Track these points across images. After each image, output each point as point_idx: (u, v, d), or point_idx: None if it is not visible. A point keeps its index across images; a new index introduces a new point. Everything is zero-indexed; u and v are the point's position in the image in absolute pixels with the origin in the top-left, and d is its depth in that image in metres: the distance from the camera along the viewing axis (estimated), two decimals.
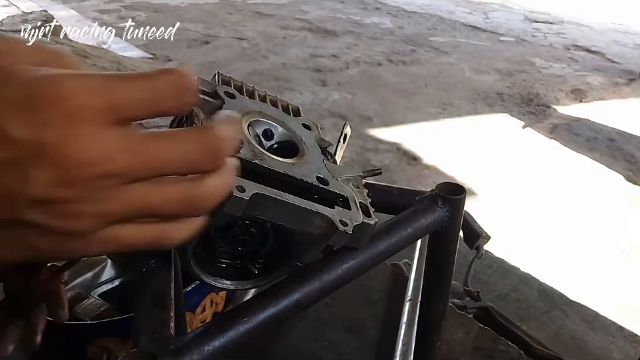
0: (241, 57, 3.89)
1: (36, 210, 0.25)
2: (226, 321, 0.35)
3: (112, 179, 0.25)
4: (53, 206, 0.25)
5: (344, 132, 0.52)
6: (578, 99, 3.34)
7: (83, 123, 0.25)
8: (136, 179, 0.26)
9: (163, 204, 0.27)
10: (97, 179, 0.25)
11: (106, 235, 0.27)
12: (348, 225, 0.37)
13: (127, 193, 0.26)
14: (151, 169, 0.26)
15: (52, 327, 0.73)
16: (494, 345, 0.95)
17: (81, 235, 0.27)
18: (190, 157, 0.27)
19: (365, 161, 2.41)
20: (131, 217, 0.27)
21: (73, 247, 0.27)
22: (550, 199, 2.21)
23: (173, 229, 0.29)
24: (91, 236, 0.27)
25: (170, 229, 0.29)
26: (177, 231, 0.29)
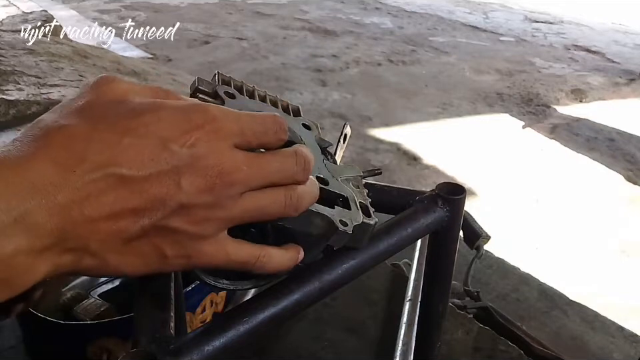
0: (241, 56, 3.89)
1: (178, 215, 0.30)
2: (226, 321, 0.35)
3: (237, 187, 0.31)
4: (192, 211, 0.30)
5: (344, 132, 0.52)
6: (578, 99, 3.34)
7: (222, 141, 0.31)
8: (251, 188, 0.32)
9: (271, 204, 0.33)
10: (228, 186, 0.31)
11: (221, 240, 0.32)
12: (348, 225, 0.37)
13: (246, 200, 0.32)
14: (264, 177, 0.32)
15: (52, 327, 0.73)
16: (494, 345, 0.95)
17: (202, 238, 0.31)
18: (290, 168, 0.33)
19: (365, 161, 2.41)
20: (245, 220, 0.33)
21: (192, 251, 0.32)
22: (550, 199, 2.21)
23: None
24: (209, 240, 0.32)
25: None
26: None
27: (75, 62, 2.28)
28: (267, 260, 0.34)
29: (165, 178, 0.29)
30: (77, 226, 0.28)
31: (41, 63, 2.12)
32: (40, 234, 0.27)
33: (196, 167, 0.30)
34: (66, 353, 0.75)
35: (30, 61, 2.12)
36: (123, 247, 0.30)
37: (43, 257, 0.28)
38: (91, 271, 0.30)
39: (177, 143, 0.30)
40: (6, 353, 0.84)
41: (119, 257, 0.30)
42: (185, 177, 0.30)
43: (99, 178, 0.28)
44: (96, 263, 0.30)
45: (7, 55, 2.13)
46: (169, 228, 0.30)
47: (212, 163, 0.30)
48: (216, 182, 0.30)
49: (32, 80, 1.95)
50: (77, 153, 0.29)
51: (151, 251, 0.31)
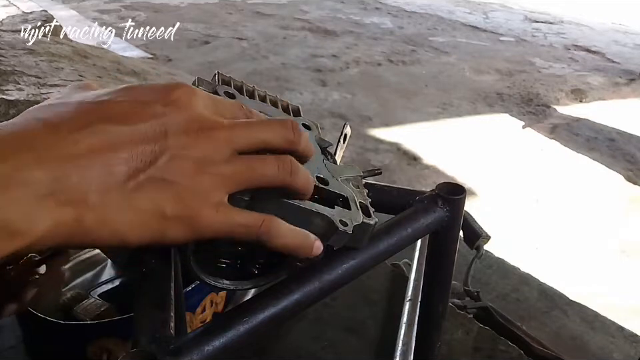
0: (241, 56, 3.89)
1: (170, 167, 0.31)
2: (226, 320, 0.35)
3: (222, 143, 0.32)
4: (184, 163, 0.31)
5: (344, 132, 0.52)
6: (578, 99, 3.34)
7: (200, 100, 0.33)
8: (239, 147, 0.33)
9: (263, 166, 0.33)
10: (213, 141, 0.32)
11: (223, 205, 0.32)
12: (348, 225, 0.37)
13: (237, 160, 0.33)
14: (250, 136, 0.33)
15: (52, 327, 0.73)
16: (494, 345, 0.95)
17: (201, 196, 0.31)
18: (278, 130, 0.34)
19: (365, 161, 2.41)
20: (240, 182, 0.33)
21: (192, 212, 0.31)
22: (550, 199, 2.21)
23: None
24: (209, 201, 0.32)
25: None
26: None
27: (74, 62, 2.28)
28: (275, 226, 0.34)
29: (152, 132, 0.31)
30: (71, 175, 0.29)
31: (40, 63, 2.12)
32: (38, 185, 0.28)
33: (178, 122, 0.31)
34: (66, 352, 0.75)
35: (30, 61, 2.12)
36: (122, 203, 0.30)
37: (43, 206, 0.28)
38: (93, 233, 0.30)
39: (157, 102, 0.32)
40: (6, 352, 0.84)
41: (119, 215, 0.30)
42: (171, 131, 0.31)
43: (87, 133, 0.30)
44: (96, 221, 0.30)
45: (7, 55, 2.13)
46: (165, 180, 0.31)
47: (193, 118, 0.32)
48: (199, 135, 0.32)
49: (32, 80, 1.95)
50: (65, 114, 0.31)
51: (150, 207, 0.31)
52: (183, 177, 0.31)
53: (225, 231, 0.32)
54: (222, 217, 0.32)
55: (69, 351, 0.75)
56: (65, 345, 0.75)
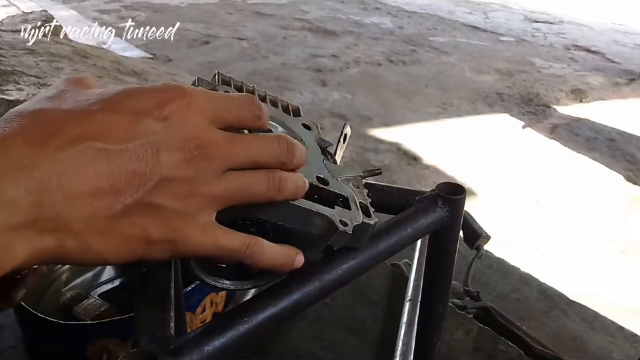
0: (241, 56, 3.89)
1: (160, 190, 0.29)
2: (226, 320, 0.35)
3: (216, 162, 0.31)
4: (174, 185, 0.30)
5: (344, 132, 0.52)
6: (578, 99, 3.34)
7: (197, 115, 0.31)
8: (233, 166, 0.32)
9: (253, 183, 0.32)
10: (208, 159, 0.31)
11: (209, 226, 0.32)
12: (348, 225, 0.37)
13: (228, 178, 0.32)
14: (244, 154, 0.32)
15: (52, 327, 0.73)
16: (494, 345, 0.95)
17: (188, 218, 0.31)
18: (273, 149, 0.33)
19: (365, 161, 2.41)
20: (228, 201, 0.32)
21: (178, 235, 0.31)
22: (550, 199, 2.21)
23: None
24: (196, 222, 0.31)
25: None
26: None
27: (75, 62, 2.28)
28: (258, 249, 0.34)
29: (143, 152, 0.29)
30: (56, 202, 0.27)
31: (40, 63, 2.12)
32: (16, 211, 0.26)
33: (173, 140, 0.30)
34: (66, 352, 0.75)
35: (30, 61, 2.12)
36: (106, 228, 0.29)
37: (21, 236, 0.27)
38: (74, 257, 0.29)
39: (150, 116, 0.30)
40: (6, 352, 0.84)
41: (102, 240, 0.29)
42: (163, 150, 0.30)
43: (75, 152, 0.28)
44: (79, 247, 0.29)
45: (7, 55, 2.13)
46: (152, 205, 0.29)
47: (189, 136, 0.30)
48: (194, 154, 0.30)
49: (32, 80, 1.95)
50: (50, 129, 0.28)
51: (135, 233, 0.30)
52: (172, 200, 0.30)
53: (209, 252, 0.32)
54: (207, 239, 0.32)
55: (68, 351, 0.75)
56: (65, 345, 0.75)
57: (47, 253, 0.28)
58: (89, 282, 0.88)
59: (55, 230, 0.28)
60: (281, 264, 0.35)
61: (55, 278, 0.90)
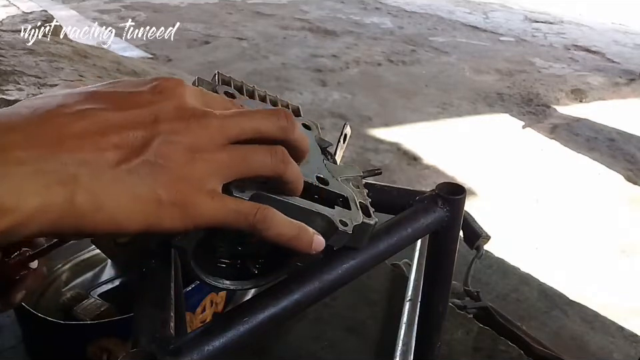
0: (241, 56, 3.89)
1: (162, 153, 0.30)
2: (226, 320, 0.35)
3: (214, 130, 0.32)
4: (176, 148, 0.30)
5: (344, 132, 0.52)
6: (578, 99, 3.34)
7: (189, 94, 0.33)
8: (231, 137, 0.32)
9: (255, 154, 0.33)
10: (205, 127, 0.31)
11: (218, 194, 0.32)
12: (348, 225, 0.37)
13: (230, 149, 0.32)
14: (242, 124, 0.33)
15: (52, 327, 0.73)
16: (494, 345, 0.95)
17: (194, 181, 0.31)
18: (271, 119, 0.34)
19: (364, 161, 2.41)
20: (233, 170, 0.32)
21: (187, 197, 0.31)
22: (550, 199, 2.21)
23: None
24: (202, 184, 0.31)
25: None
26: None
27: (74, 62, 2.28)
28: (270, 215, 0.33)
29: (142, 118, 0.31)
30: (60, 155, 0.28)
31: (41, 63, 2.12)
32: (20, 160, 0.27)
33: (168, 109, 0.31)
34: (66, 352, 0.75)
35: (30, 61, 2.12)
36: (116, 185, 0.29)
37: (30, 184, 0.27)
38: (86, 217, 0.29)
39: (145, 91, 0.32)
40: (6, 353, 0.84)
41: (113, 197, 0.29)
42: (161, 117, 0.31)
43: (76, 116, 0.29)
44: (90, 202, 0.28)
45: (7, 55, 2.13)
46: (158, 164, 0.30)
47: (184, 106, 0.32)
48: (191, 122, 0.31)
49: (32, 80, 1.95)
50: (52, 101, 0.30)
51: (145, 192, 0.30)
52: (176, 162, 0.30)
53: (220, 217, 0.32)
54: (217, 203, 0.32)
55: (68, 351, 0.75)
56: (65, 344, 0.75)
57: (58, 208, 0.28)
58: (89, 282, 0.88)
59: (63, 183, 0.28)
60: (294, 235, 0.34)
61: (55, 278, 0.90)
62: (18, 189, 0.27)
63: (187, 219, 0.31)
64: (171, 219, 0.31)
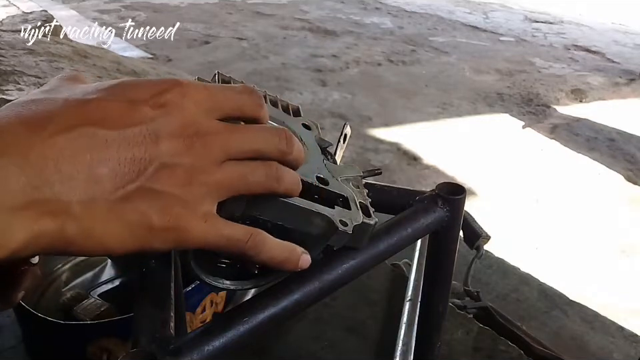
0: (241, 56, 3.89)
1: (159, 176, 0.29)
2: (226, 320, 0.35)
3: (216, 150, 0.31)
4: (175, 172, 0.30)
5: (344, 132, 0.52)
6: (578, 99, 3.34)
7: (194, 104, 0.31)
8: (232, 155, 0.32)
9: (252, 172, 0.33)
10: (207, 147, 0.31)
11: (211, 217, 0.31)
12: (348, 225, 0.37)
13: (228, 167, 0.32)
14: (243, 143, 0.32)
15: (52, 327, 0.73)
16: (494, 345, 0.95)
17: (190, 206, 0.30)
18: (271, 138, 0.33)
19: (364, 161, 2.41)
20: (228, 190, 0.32)
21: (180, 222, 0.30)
22: (550, 199, 2.21)
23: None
24: (198, 211, 0.31)
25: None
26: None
27: (75, 62, 2.28)
28: (262, 240, 0.33)
29: (141, 138, 0.29)
30: (53, 185, 0.27)
31: (41, 63, 2.12)
32: (11, 191, 0.26)
33: (171, 127, 0.30)
34: (66, 352, 0.75)
35: (30, 61, 2.12)
36: (107, 214, 0.29)
37: (19, 218, 0.26)
38: (76, 244, 0.28)
39: (146, 104, 0.30)
40: (6, 353, 0.84)
41: (104, 226, 0.29)
42: (161, 136, 0.30)
43: (72, 137, 0.28)
44: (80, 232, 0.28)
45: (7, 55, 2.13)
46: (153, 190, 0.29)
47: (187, 123, 0.31)
48: (194, 141, 0.31)
49: (32, 80, 1.95)
50: (47, 115, 0.29)
51: (137, 219, 0.29)
52: (173, 186, 0.30)
53: (211, 242, 0.32)
54: (209, 228, 0.31)
55: (68, 351, 0.75)
56: (65, 344, 0.75)
57: (48, 237, 0.27)
58: (89, 282, 0.88)
59: (54, 213, 0.27)
60: (284, 258, 0.35)
61: (55, 278, 0.90)
62: (6, 225, 0.26)
63: (178, 242, 0.31)
64: (160, 242, 0.30)
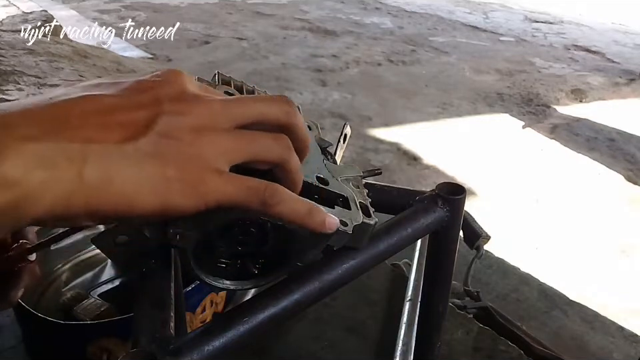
0: (241, 56, 3.89)
1: (168, 134, 0.30)
2: (226, 320, 0.35)
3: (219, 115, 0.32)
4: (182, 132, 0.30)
5: (344, 132, 0.52)
6: (578, 99, 3.34)
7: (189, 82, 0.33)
8: (236, 122, 0.32)
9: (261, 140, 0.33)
10: (209, 110, 0.32)
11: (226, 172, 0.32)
12: (348, 225, 0.37)
13: (236, 131, 0.32)
14: (246, 110, 0.33)
15: (52, 327, 0.73)
16: (494, 345, 0.95)
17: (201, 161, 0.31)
18: (276, 104, 0.34)
19: (364, 161, 2.41)
20: (240, 153, 0.32)
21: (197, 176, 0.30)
22: (550, 199, 2.21)
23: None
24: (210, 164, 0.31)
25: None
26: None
27: (74, 62, 2.28)
28: (279, 191, 0.32)
29: (145, 101, 0.31)
30: (66, 131, 0.28)
31: (41, 63, 2.12)
32: (24, 138, 0.27)
33: (171, 93, 0.31)
34: (66, 352, 0.75)
35: (30, 61, 2.12)
36: (124, 161, 0.29)
37: (36, 159, 0.26)
38: (97, 193, 0.28)
39: (146, 78, 0.32)
40: (6, 353, 0.84)
41: (122, 172, 0.28)
42: (164, 101, 0.31)
43: (79, 99, 0.30)
44: (100, 176, 0.28)
45: (7, 55, 2.14)
46: (164, 145, 0.30)
47: (187, 91, 0.32)
48: (195, 103, 0.31)
49: (32, 80, 1.95)
50: (54, 93, 0.30)
51: (152, 170, 0.29)
52: (182, 141, 0.30)
53: (231, 194, 0.31)
54: (227, 180, 0.31)
55: (68, 351, 0.75)
56: (65, 344, 0.75)
57: (67, 183, 0.27)
58: (89, 282, 0.88)
59: (70, 159, 0.27)
60: (306, 212, 0.33)
61: (55, 278, 0.90)
62: (23, 163, 0.26)
63: (198, 196, 0.30)
64: (181, 196, 0.30)
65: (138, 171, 0.29)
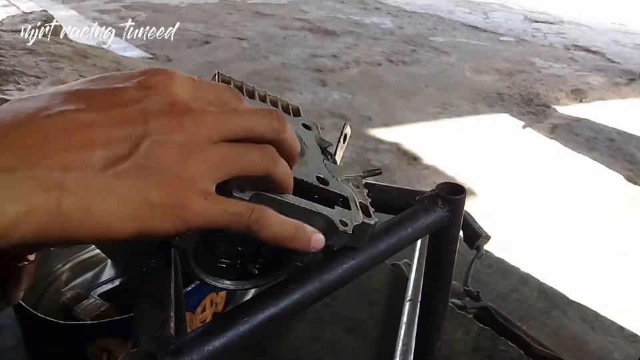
0: (241, 56, 3.89)
1: (153, 154, 0.29)
2: (226, 320, 0.35)
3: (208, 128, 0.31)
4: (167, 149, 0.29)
5: (344, 132, 0.52)
6: (578, 99, 3.34)
7: (180, 85, 0.31)
8: (225, 136, 0.31)
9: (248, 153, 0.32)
10: (198, 124, 0.30)
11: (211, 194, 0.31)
12: (348, 225, 0.37)
13: (223, 147, 0.31)
14: (235, 123, 0.32)
15: (52, 327, 0.73)
16: (494, 345, 0.95)
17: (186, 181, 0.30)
18: (264, 118, 0.33)
19: (364, 161, 2.40)
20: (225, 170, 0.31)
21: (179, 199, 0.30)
22: (550, 199, 2.21)
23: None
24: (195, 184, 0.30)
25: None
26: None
27: (74, 62, 2.28)
28: (265, 215, 0.32)
29: (130, 117, 0.29)
30: (43, 159, 0.26)
31: (41, 63, 2.12)
32: (0, 169, 0.25)
33: (159, 105, 0.30)
34: (66, 352, 0.75)
35: (30, 61, 2.12)
36: (103, 190, 0.28)
37: (12, 190, 0.25)
38: (73, 222, 0.27)
39: (132, 87, 0.30)
40: (6, 353, 0.84)
41: (101, 201, 0.27)
42: (150, 115, 0.29)
43: (57, 115, 0.28)
44: (77, 206, 0.27)
45: (7, 55, 2.14)
46: (148, 167, 0.28)
47: (176, 102, 0.30)
48: (184, 118, 0.30)
49: (32, 80, 1.95)
50: (32, 105, 0.28)
51: (134, 196, 0.28)
52: (168, 163, 0.29)
53: (213, 218, 0.31)
54: (210, 204, 0.30)
55: (68, 351, 0.75)
56: (65, 344, 0.75)
57: (43, 213, 0.26)
58: (89, 282, 0.88)
59: (47, 188, 0.26)
60: (291, 235, 0.33)
61: (55, 278, 0.90)
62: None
63: (179, 220, 0.30)
64: (162, 221, 0.29)
65: (118, 199, 0.28)
